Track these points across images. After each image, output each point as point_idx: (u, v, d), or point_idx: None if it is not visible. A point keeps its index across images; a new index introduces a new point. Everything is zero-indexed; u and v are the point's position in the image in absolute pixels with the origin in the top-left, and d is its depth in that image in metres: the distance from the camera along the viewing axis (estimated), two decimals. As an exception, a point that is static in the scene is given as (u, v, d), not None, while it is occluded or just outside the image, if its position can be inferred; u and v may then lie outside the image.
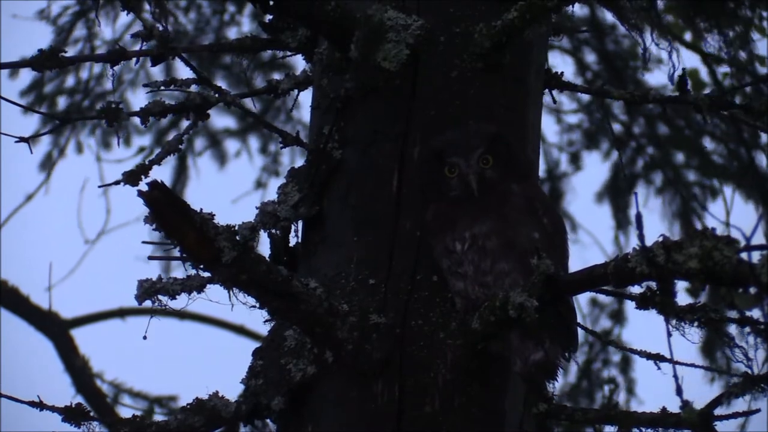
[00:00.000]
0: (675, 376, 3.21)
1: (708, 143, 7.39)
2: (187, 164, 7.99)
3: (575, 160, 7.76)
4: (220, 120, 7.98)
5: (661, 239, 3.24)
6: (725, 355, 3.67)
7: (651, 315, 3.66)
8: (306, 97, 4.21)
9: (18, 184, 7.99)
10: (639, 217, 3.14)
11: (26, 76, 7.40)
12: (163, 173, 7.96)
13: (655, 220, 7.52)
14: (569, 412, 3.70)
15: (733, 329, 3.62)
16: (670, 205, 7.54)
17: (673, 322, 3.59)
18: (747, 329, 3.53)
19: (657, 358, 4.00)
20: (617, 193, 7.67)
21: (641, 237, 3.19)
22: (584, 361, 7.75)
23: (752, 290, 3.14)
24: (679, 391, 3.25)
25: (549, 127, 8.23)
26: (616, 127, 7.37)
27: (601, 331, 7.70)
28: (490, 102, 3.88)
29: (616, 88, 4.27)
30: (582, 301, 7.96)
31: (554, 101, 4.28)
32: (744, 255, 3.16)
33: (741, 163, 7.18)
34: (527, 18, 3.77)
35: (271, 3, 3.93)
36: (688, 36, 7.17)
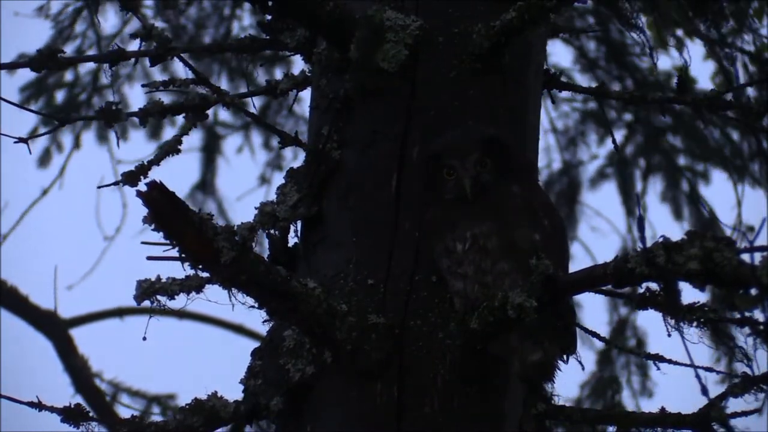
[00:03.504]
0: (698, 377, 3.22)
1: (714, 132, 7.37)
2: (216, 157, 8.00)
3: (572, 144, 7.71)
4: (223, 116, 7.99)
5: (661, 240, 3.24)
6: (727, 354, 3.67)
7: (653, 315, 3.67)
8: (307, 95, 4.21)
9: (14, 182, 7.99)
10: (641, 219, 3.15)
11: (24, 71, 7.39)
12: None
13: (663, 210, 7.53)
14: (568, 412, 3.71)
15: (732, 329, 3.63)
16: (672, 189, 7.52)
17: (672, 322, 3.59)
18: (747, 329, 3.54)
19: (656, 358, 4.01)
20: (624, 181, 7.64)
21: (642, 239, 3.20)
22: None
23: (753, 291, 3.14)
24: (704, 391, 3.26)
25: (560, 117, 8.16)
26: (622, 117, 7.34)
27: (617, 321, 7.69)
28: (489, 103, 3.88)
29: (617, 74, 4.26)
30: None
31: (553, 101, 4.28)
32: (745, 256, 3.16)
33: (750, 150, 7.16)
34: (526, 18, 3.77)
35: (270, 3, 3.93)
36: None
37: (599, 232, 7.92)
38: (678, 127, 7.36)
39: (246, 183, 8.22)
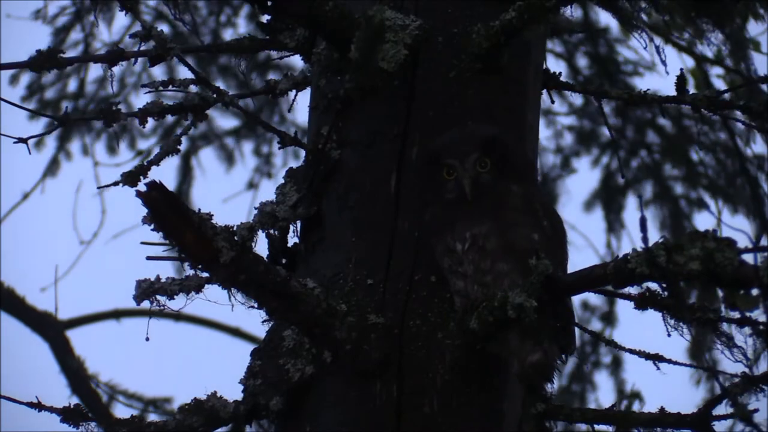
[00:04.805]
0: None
1: (699, 153, 7.39)
2: (192, 164, 8.00)
3: (566, 164, 7.74)
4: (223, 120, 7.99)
5: (661, 240, 3.23)
6: (723, 355, 3.67)
7: (642, 317, 3.67)
8: (303, 98, 4.22)
9: (21, 187, 7.99)
10: (643, 219, 3.14)
11: (27, 80, 7.42)
12: (167, 174, 7.97)
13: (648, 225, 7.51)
14: (567, 411, 3.70)
15: (731, 329, 3.63)
16: (661, 210, 7.54)
17: (672, 322, 3.59)
18: (747, 330, 3.54)
19: (655, 358, 4.00)
20: (609, 195, 7.66)
21: (644, 239, 3.19)
22: (575, 364, 7.75)
23: (754, 292, 3.14)
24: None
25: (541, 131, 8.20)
26: (608, 133, 7.37)
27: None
28: (488, 103, 3.88)
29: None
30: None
31: (552, 101, 4.28)
32: (746, 256, 3.16)
33: (730, 172, 7.18)
34: (525, 18, 3.77)
35: (269, 3, 3.92)
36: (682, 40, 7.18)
37: (573, 246, 7.92)
38: (668, 150, 7.38)
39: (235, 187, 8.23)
